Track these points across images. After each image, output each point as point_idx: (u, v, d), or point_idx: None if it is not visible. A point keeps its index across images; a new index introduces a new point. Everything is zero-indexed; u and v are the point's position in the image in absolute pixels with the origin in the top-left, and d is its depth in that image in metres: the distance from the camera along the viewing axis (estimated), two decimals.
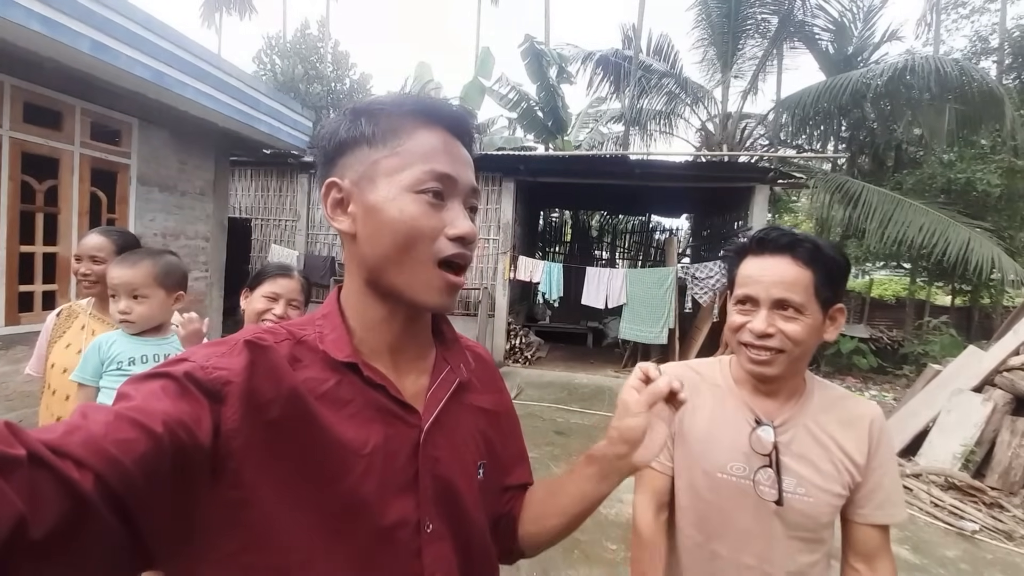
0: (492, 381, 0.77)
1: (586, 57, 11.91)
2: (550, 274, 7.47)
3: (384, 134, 0.58)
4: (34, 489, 0.33)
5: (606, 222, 12.96)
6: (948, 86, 7.69)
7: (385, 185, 0.57)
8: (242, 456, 0.47)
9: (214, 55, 4.52)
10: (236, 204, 8.58)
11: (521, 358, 7.82)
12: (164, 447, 0.41)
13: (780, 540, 0.92)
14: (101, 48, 3.37)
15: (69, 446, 0.37)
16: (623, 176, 7.59)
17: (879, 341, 8.73)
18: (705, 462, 0.97)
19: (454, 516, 0.62)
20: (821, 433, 0.93)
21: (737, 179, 7.47)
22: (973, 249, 6.94)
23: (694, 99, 11.73)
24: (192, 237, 5.13)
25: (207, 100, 4.35)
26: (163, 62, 3.85)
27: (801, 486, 0.91)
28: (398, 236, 0.56)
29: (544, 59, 10.48)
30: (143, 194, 4.50)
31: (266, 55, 15.30)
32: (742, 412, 0.97)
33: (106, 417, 0.41)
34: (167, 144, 4.70)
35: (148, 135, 4.49)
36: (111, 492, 0.37)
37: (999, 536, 3.38)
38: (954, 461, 4.09)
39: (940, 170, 8.43)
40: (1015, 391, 4.24)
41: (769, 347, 0.88)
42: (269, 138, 5.37)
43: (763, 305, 0.89)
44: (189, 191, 5.03)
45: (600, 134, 13.57)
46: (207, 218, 5.28)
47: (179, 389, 0.45)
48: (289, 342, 0.56)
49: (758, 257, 0.92)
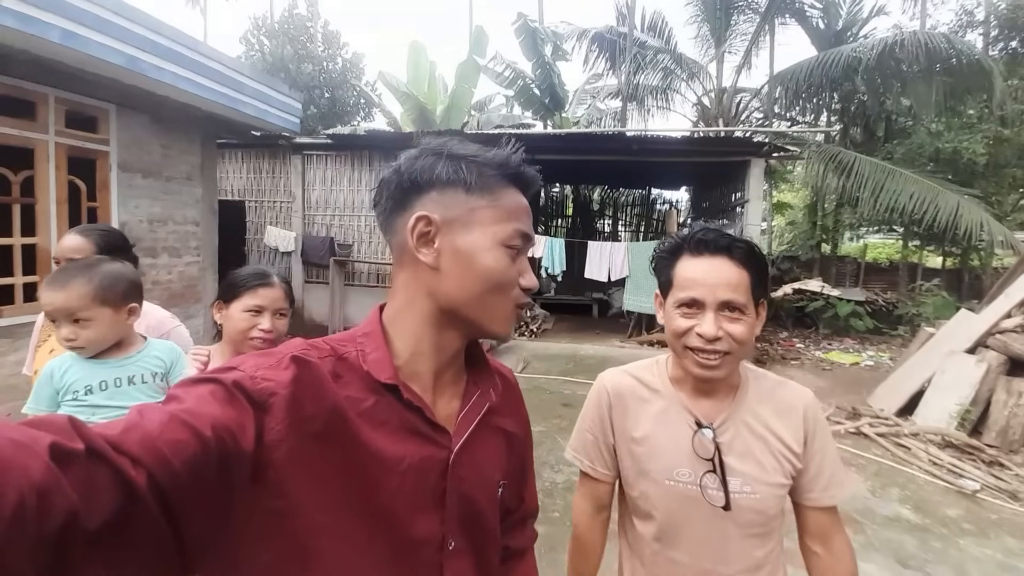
0: (514, 403, 0.79)
1: (581, 34, 11.88)
2: (552, 249, 7.61)
3: (482, 186, 0.63)
4: (90, 482, 0.35)
5: (607, 196, 13.07)
6: (936, 59, 7.87)
7: (480, 234, 0.62)
8: (284, 467, 0.49)
9: (191, 38, 4.40)
10: (229, 187, 8.46)
11: (527, 331, 7.97)
12: (211, 451, 0.42)
13: (734, 541, 0.93)
14: (71, 37, 3.28)
15: (127, 443, 0.38)
16: (621, 152, 7.69)
17: (874, 303, 9.03)
18: (652, 470, 0.96)
19: (476, 534, 0.65)
20: (759, 426, 0.94)
21: (733, 153, 7.61)
22: (962, 214, 7.21)
23: (689, 74, 11.79)
24: (181, 222, 5.05)
25: (187, 84, 4.25)
26: (137, 47, 3.76)
27: (747, 484, 0.91)
28: (490, 282, 0.62)
29: (538, 36, 10.46)
30: (125, 181, 4.41)
31: (253, 36, 15.01)
32: (682, 416, 0.96)
33: (161, 417, 0.42)
34: (148, 129, 4.60)
35: (127, 121, 4.39)
36: (161, 490, 0.38)
37: (1003, 496, 3.35)
38: (950, 420, 4.21)
39: (928, 140, 8.68)
40: (1009, 352, 4.36)
41: (718, 350, 0.87)
42: (257, 121, 5.28)
43: (709, 308, 0.87)
44: (175, 176, 4.94)
45: (598, 110, 13.58)
46: (196, 202, 5.20)
47: (227, 396, 0.47)
48: (332, 359, 0.58)
49: (697, 258, 0.91)
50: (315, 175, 8.21)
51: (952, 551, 2.74)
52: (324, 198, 8.20)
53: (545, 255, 7.58)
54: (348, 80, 15.04)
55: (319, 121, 13.38)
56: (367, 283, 8.07)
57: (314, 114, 13.64)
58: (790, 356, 7.38)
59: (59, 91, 3.80)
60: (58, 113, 3.82)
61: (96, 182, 4.22)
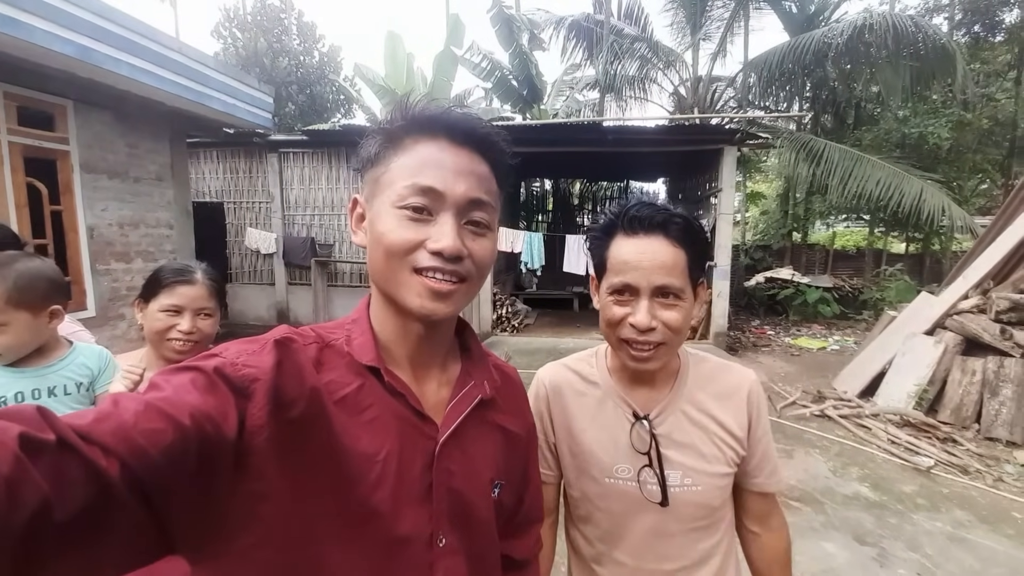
0: (516, 402, 0.76)
1: (558, 22, 11.81)
2: (531, 244, 7.68)
3: (386, 150, 0.60)
4: (60, 473, 0.34)
5: (586, 190, 13.18)
6: (904, 42, 8.07)
7: (378, 201, 0.59)
8: (264, 452, 0.48)
9: (149, 27, 4.16)
10: (205, 188, 8.29)
11: (509, 327, 8.06)
12: (190, 439, 0.42)
13: (676, 537, 0.88)
14: (12, 23, 3.05)
15: (98, 433, 0.38)
16: (598, 143, 7.73)
17: (841, 289, 9.40)
18: (592, 468, 0.90)
19: (468, 531, 0.62)
20: (699, 414, 0.89)
21: (707, 141, 7.68)
22: (925, 200, 7.50)
23: (666, 63, 11.85)
24: (154, 225, 4.88)
25: (147, 77, 4.05)
26: (89, 36, 3.55)
27: (688, 476, 0.86)
28: (380, 250, 0.58)
29: (514, 25, 10.41)
30: (89, 182, 4.20)
31: (225, 28, 14.64)
32: (620, 408, 0.90)
33: (136, 406, 0.41)
34: (111, 127, 4.38)
35: (87, 118, 4.17)
36: (136, 480, 0.38)
37: (954, 471, 3.53)
38: (908, 400, 4.41)
39: (895, 125, 8.94)
40: (965, 332, 4.55)
41: (651, 341, 0.80)
42: (226, 116, 5.11)
43: (643, 294, 0.80)
44: (143, 177, 4.76)
45: (576, 102, 13.56)
46: (168, 204, 5.03)
47: (208, 383, 0.47)
48: (317, 345, 0.58)
49: (631, 238, 0.82)
50: (292, 174, 8.10)
51: (907, 526, 2.88)
52: (303, 197, 8.10)
53: (524, 250, 7.65)
54: (326, 75, 14.78)
55: (298, 119, 13.16)
56: (350, 283, 8.02)
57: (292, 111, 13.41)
58: (761, 343, 7.65)
59: (8, 85, 3.56)
60: (8, 110, 3.59)
61: (59, 184, 4.04)
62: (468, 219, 0.60)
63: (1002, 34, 10.48)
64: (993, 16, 10.20)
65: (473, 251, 0.60)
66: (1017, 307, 4.32)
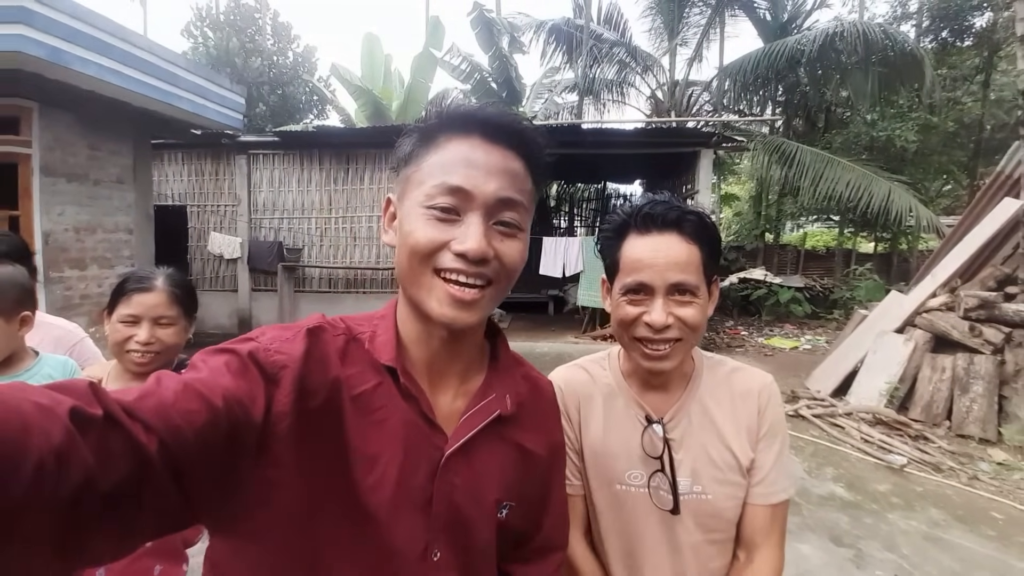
0: (544, 420, 0.72)
1: (538, 26, 11.86)
2: None
3: (419, 148, 0.58)
4: (106, 446, 0.36)
5: (564, 191, 13.21)
6: (873, 49, 8.29)
7: (408, 200, 0.58)
8: (284, 439, 0.49)
9: (120, 26, 4.10)
10: (168, 191, 8.01)
11: None
12: (221, 420, 0.43)
13: (689, 548, 0.84)
14: None
15: (141, 410, 0.40)
16: (577, 145, 7.76)
17: (813, 289, 9.56)
18: (605, 475, 0.87)
19: (464, 549, 0.60)
20: (713, 419, 0.85)
21: (683, 144, 7.79)
22: (893, 200, 7.69)
23: (644, 67, 11.98)
24: (112, 230, 4.73)
25: (115, 77, 3.95)
26: (59, 37, 3.47)
27: (698, 484, 0.83)
28: (404, 250, 0.56)
29: (495, 28, 10.39)
30: (48, 186, 4.08)
31: (195, 27, 14.28)
32: (633, 411, 0.87)
33: (176, 386, 0.44)
34: (73, 129, 4.29)
35: (51, 120, 4.08)
36: (171, 456, 0.40)
37: (927, 469, 3.51)
38: (880, 398, 4.42)
39: (864, 129, 9.16)
40: (934, 330, 4.59)
41: (668, 338, 0.79)
42: (195, 117, 4.98)
43: (658, 293, 0.78)
44: (104, 179, 4.63)
45: (555, 104, 13.64)
46: (128, 208, 4.90)
47: (241, 367, 0.48)
48: (344, 337, 0.57)
49: (644, 236, 0.80)
50: (262, 176, 7.88)
51: (882, 526, 2.85)
52: (272, 200, 7.88)
53: None
54: (300, 75, 14.52)
55: (269, 120, 12.86)
56: (319, 288, 7.80)
57: (263, 112, 13.11)
58: (735, 344, 7.69)
59: None
60: None
61: (19, 188, 3.93)
62: (497, 219, 0.57)
63: (971, 38, 10.81)
64: (962, 21, 10.52)
65: (501, 253, 0.57)
66: (985, 304, 4.38)
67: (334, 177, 7.71)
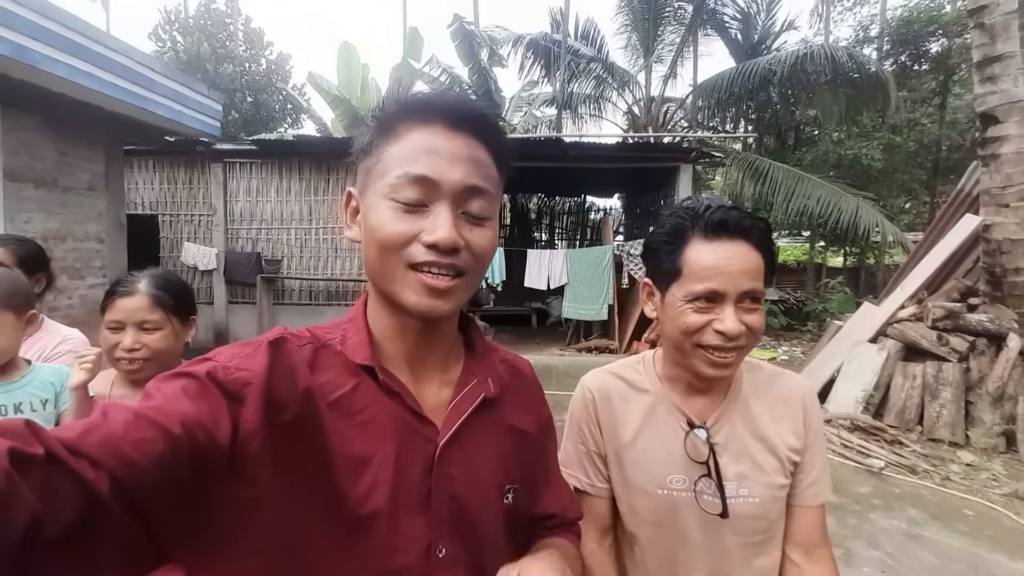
0: (530, 399, 0.72)
1: (516, 40, 12.00)
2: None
3: (379, 138, 0.57)
4: (50, 487, 0.34)
5: (544, 204, 13.31)
6: (840, 71, 8.70)
7: (371, 193, 0.56)
8: (258, 458, 0.47)
9: (93, 28, 3.95)
10: (139, 199, 7.71)
11: None
12: (181, 447, 0.41)
13: (734, 552, 0.84)
14: None
15: (86, 445, 0.37)
16: (558, 158, 7.83)
17: (787, 302, 9.87)
18: (643, 480, 0.87)
19: (470, 541, 0.58)
20: (756, 422, 0.86)
21: (663, 159, 7.97)
22: (861, 216, 8.00)
23: (620, 83, 12.24)
24: (82, 239, 4.52)
25: (87, 80, 3.78)
26: (25, 35, 3.31)
27: (744, 487, 0.83)
28: (373, 245, 0.55)
29: (474, 40, 10.49)
30: (13, 192, 3.88)
31: (164, 31, 13.91)
32: (674, 416, 0.87)
33: (125, 417, 0.41)
34: (40, 132, 4.09)
35: (15, 122, 3.88)
36: (126, 491, 0.37)
37: (903, 471, 3.67)
38: (856, 405, 4.58)
39: (832, 147, 9.56)
40: (905, 340, 4.79)
41: (739, 346, 0.78)
42: (170, 123, 4.81)
43: (729, 300, 0.77)
44: (73, 186, 4.43)
45: (534, 117, 13.78)
46: (99, 216, 4.69)
47: (200, 389, 0.45)
48: (312, 346, 0.56)
49: (714, 242, 0.78)
50: (238, 185, 7.66)
51: (865, 525, 2.98)
52: (249, 210, 7.66)
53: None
54: (273, 83, 14.29)
55: (242, 128, 12.60)
56: (299, 301, 7.61)
57: (236, 119, 12.82)
58: None
59: None
60: None
61: None
62: (465, 208, 0.56)
63: (928, 63, 11.46)
64: (920, 46, 11.15)
65: (471, 242, 0.55)
66: (951, 315, 4.59)
67: (314, 187, 7.57)
